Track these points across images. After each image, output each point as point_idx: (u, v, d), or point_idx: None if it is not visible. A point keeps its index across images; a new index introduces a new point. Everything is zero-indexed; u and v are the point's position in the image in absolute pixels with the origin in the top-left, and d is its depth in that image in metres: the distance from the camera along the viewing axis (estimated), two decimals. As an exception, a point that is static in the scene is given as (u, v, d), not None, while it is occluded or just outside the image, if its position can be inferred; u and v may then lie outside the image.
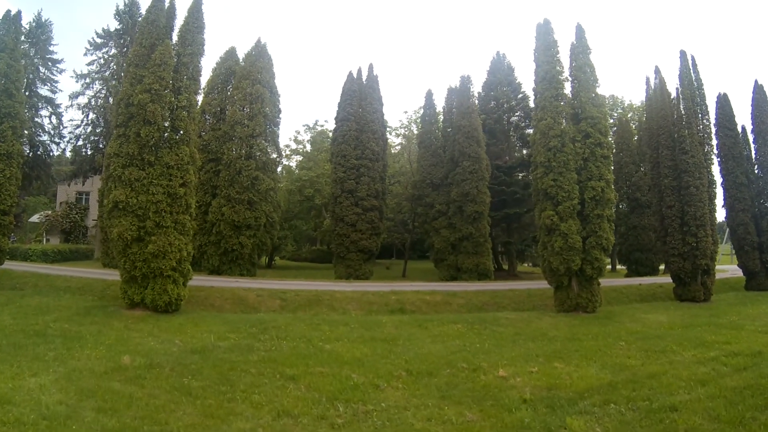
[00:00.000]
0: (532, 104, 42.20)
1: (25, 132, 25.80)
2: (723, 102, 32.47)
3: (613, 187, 23.00)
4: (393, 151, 54.50)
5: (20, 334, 13.84)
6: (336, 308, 22.05)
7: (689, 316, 22.06)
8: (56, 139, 44.66)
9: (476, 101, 38.43)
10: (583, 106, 23.31)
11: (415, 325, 18.72)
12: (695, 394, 9.88)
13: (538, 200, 23.71)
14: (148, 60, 19.99)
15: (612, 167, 23.37)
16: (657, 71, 29.04)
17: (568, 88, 24.06)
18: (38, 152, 42.89)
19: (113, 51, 42.48)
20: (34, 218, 52.04)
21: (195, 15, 21.67)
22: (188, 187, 19.93)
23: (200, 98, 26.52)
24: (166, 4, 21.35)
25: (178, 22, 21.57)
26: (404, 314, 21.89)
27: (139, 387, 9.85)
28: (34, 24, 42.03)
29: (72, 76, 42.76)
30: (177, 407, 8.78)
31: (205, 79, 26.54)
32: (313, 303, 22.37)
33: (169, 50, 20.20)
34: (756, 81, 33.16)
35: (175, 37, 21.22)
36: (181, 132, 20.06)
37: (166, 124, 19.74)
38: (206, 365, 11.67)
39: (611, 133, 31.06)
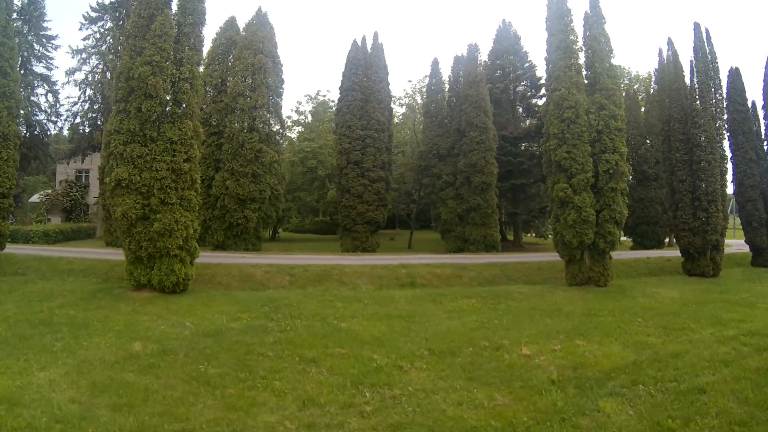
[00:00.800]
0: (538, 73, 41.80)
1: (21, 111, 25.07)
2: (734, 76, 31.81)
3: (626, 160, 22.53)
4: (396, 121, 53.68)
5: (25, 323, 13.39)
6: (346, 283, 21.81)
7: (700, 291, 22.07)
8: (53, 118, 43.86)
9: (482, 70, 37.50)
10: (597, 77, 22.65)
11: (428, 300, 18.56)
12: (720, 375, 9.86)
13: (550, 172, 23.25)
14: (147, 31, 19.07)
15: (625, 140, 22.78)
16: (670, 43, 28.27)
17: (581, 59, 23.30)
18: (35, 132, 42.06)
19: (109, 24, 41.32)
20: (35, 198, 51.51)
21: None
22: (193, 162, 19.23)
23: (201, 69, 25.72)
24: None
25: None
26: (415, 288, 21.69)
27: (154, 377, 9.48)
28: (26, 1, 40.73)
29: (68, 52, 42.06)
30: (196, 399, 8.42)
31: (205, 50, 25.65)
32: (323, 278, 22.13)
33: (169, 20, 19.28)
34: None
35: (174, 7, 20.16)
36: (184, 105, 19.24)
37: (167, 98, 18.93)
38: (221, 349, 11.34)
39: (621, 104, 30.33)
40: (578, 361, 10.97)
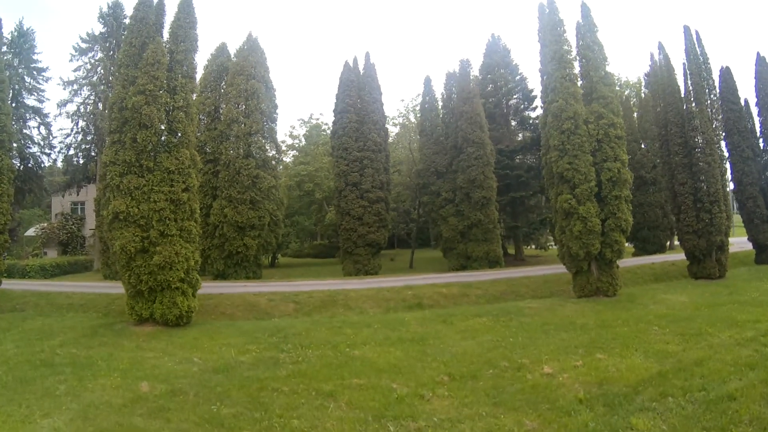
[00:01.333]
0: (530, 86, 42.03)
1: (14, 145, 24.80)
2: (726, 76, 32.05)
3: (627, 167, 22.42)
4: (390, 140, 53.77)
5: (26, 365, 12.94)
6: (352, 308, 21.44)
7: (709, 294, 21.95)
8: (46, 150, 43.89)
9: (475, 86, 37.63)
10: (594, 86, 22.66)
11: (438, 321, 18.19)
12: (748, 380, 9.65)
13: (552, 184, 23.07)
14: (139, 60, 18.85)
15: (626, 147, 22.70)
16: (661, 47, 28.45)
17: (576, 68, 23.30)
18: (29, 164, 41.86)
19: (99, 55, 41.47)
20: (30, 232, 51.07)
21: (186, 10, 20.42)
22: (191, 191, 18.92)
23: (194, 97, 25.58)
24: (155, 1, 20.06)
25: (168, 18, 20.37)
26: (423, 309, 21.33)
27: (164, 421, 9.03)
28: (15, 33, 40.90)
29: (59, 84, 41.85)
30: None
31: (197, 77, 25.51)
32: (328, 304, 21.74)
33: (161, 48, 19.11)
34: (758, 53, 33.05)
35: (166, 35, 20.04)
36: (180, 134, 18.96)
37: (162, 127, 18.64)
38: (232, 386, 10.90)
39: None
40: (602, 376, 10.69)
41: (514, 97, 42.97)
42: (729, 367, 10.59)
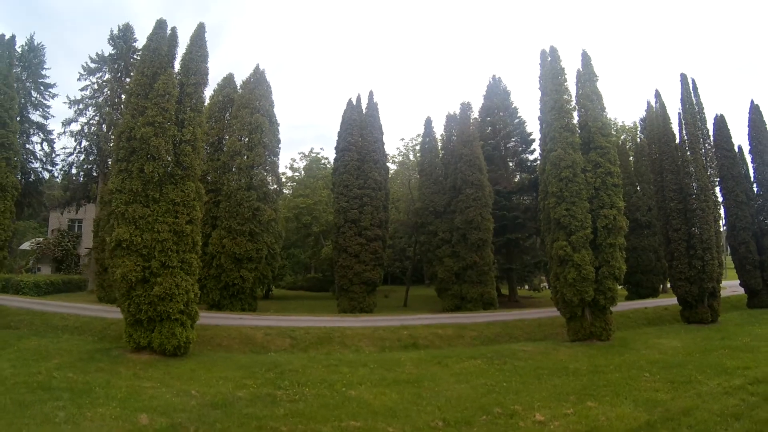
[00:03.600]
0: (529, 129, 43.10)
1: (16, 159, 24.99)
2: (720, 123, 33.03)
3: (623, 214, 23.02)
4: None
5: (23, 387, 12.96)
6: (348, 345, 21.58)
7: (701, 339, 22.32)
8: (48, 167, 43.86)
9: (475, 129, 38.56)
10: (592, 136, 23.44)
11: (434, 363, 18.37)
12: (732, 431, 10.02)
13: (548, 229, 23.58)
14: (150, 90, 19.22)
15: (622, 194, 23.33)
16: (657, 95, 29.48)
17: (575, 118, 24.14)
18: (30, 179, 41.97)
19: (107, 76, 42.13)
20: (25, 245, 50.77)
21: (198, 43, 20.89)
22: (195, 224, 19.16)
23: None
24: (168, 32, 20.51)
25: (180, 50, 20.81)
26: (419, 350, 21.52)
27: None
28: (26, 47, 41.43)
29: (65, 102, 42.27)
30: None
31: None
32: (324, 341, 21.88)
33: (172, 80, 19.51)
34: (752, 101, 34.07)
35: (177, 66, 20.49)
36: (186, 167, 19.27)
37: (169, 159, 18.97)
38: (232, 424, 10.98)
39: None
40: (592, 425, 10.92)
41: (513, 139, 43.95)
42: (716, 417, 10.89)
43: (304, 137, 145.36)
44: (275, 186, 36.10)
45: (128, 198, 18.36)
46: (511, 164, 44.91)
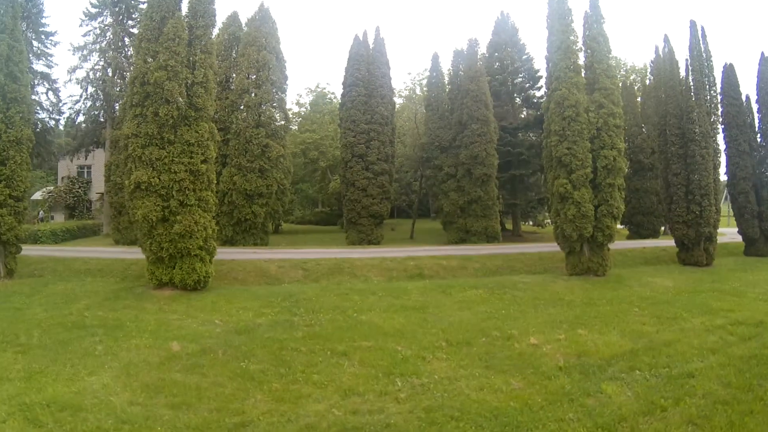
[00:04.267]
0: (536, 66, 42.75)
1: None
2: (729, 72, 32.70)
3: (623, 156, 23.57)
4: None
5: (59, 327, 13.80)
6: (358, 276, 22.79)
7: (693, 281, 23.11)
8: (55, 116, 43.37)
9: (482, 64, 38.31)
10: (597, 77, 23.64)
11: (438, 291, 19.62)
12: (708, 363, 11.09)
13: (550, 167, 24.24)
14: (159, 34, 19.41)
15: (623, 136, 23.75)
16: (666, 40, 29.19)
17: (581, 59, 24.23)
18: (37, 130, 42.16)
19: (109, 20, 41.29)
20: (37, 195, 51.44)
21: None
22: (209, 163, 19.90)
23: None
24: None
25: None
26: (424, 279, 22.72)
27: (201, 376, 10.25)
28: None
29: (69, 50, 41.76)
30: (246, 394, 9.31)
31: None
32: (335, 271, 23.09)
33: (181, 23, 19.64)
34: (762, 53, 33.68)
35: (185, 9, 20.50)
36: (199, 108, 19.71)
37: (183, 101, 19.34)
38: (256, 346, 12.23)
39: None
40: (581, 350, 12.15)
41: (520, 76, 43.54)
42: (694, 350, 12.01)
43: (311, 73, 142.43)
44: (283, 122, 36.39)
45: (144, 141, 18.95)
46: (517, 100, 44.76)
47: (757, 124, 32.65)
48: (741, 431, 7.63)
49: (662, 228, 42.40)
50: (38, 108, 41.34)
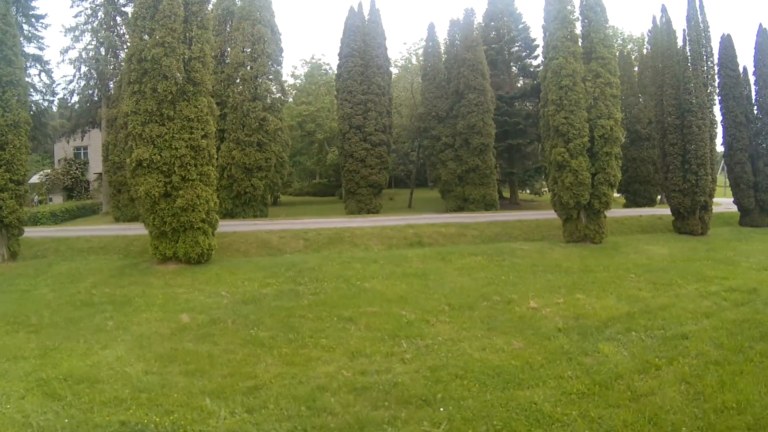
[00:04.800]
0: (533, 35, 42.49)
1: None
2: (726, 43, 32.54)
3: (620, 125, 23.71)
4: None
5: (68, 306, 14.00)
6: (358, 245, 23.10)
7: (688, 249, 23.44)
8: (49, 97, 43.11)
9: (478, 33, 38.05)
10: (594, 46, 23.64)
11: (438, 259, 19.98)
12: (701, 325, 11.54)
13: (547, 136, 24.39)
14: (155, 12, 19.30)
15: (620, 106, 23.85)
16: (664, 10, 29.02)
17: (578, 28, 24.19)
18: (32, 112, 41.82)
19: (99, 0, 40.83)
20: (34, 178, 51.11)
21: None
22: (209, 138, 20.01)
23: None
24: None
25: None
26: (424, 247, 23.06)
27: (212, 344, 10.59)
28: None
29: (61, 31, 41.25)
30: (257, 360, 9.67)
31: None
32: (336, 241, 23.39)
33: (177, 0, 19.51)
34: (760, 25, 33.31)
35: (180, -15, 20.29)
36: (197, 83, 19.73)
37: (180, 77, 19.30)
38: (264, 315, 12.62)
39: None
40: (579, 312, 12.61)
41: (516, 44, 43.24)
42: (688, 313, 12.48)
43: (306, 45, 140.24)
44: (280, 95, 36.27)
45: (144, 118, 18.99)
46: (514, 69, 44.58)
47: (753, 96, 32.66)
48: (731, 390, 7.93)
49: (658, 197, 42.72)
50: (32, 90, 40.79)
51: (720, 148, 32.43)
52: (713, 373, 8.64)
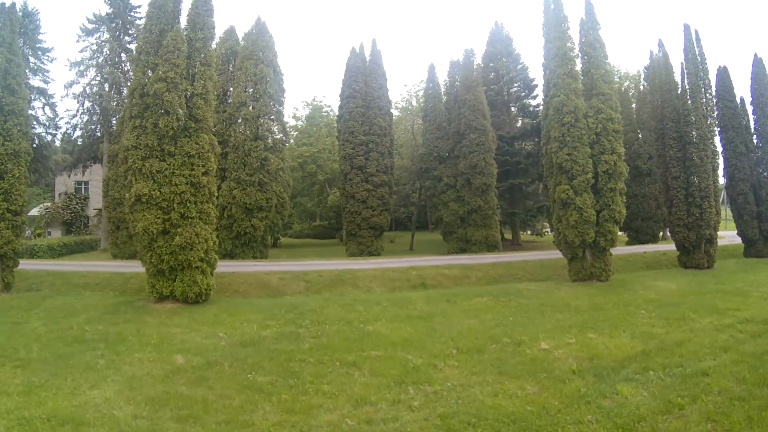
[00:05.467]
0: (531, 75, 42.99)
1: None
2: (723, 75, 33.09)
3: (623, 160, 23.62)
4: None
5: (59, 342, 13.55)
6: (360, 286, 22.60)
7: (696, 283, 23.16)
8: (51, 131, 43.76)
9: (478, 74, 38.55)
10: (594, 82, 23.82)
11: (443, 301, 19.44)
12: (720, 360, 10.99)
13: (551, 174, 24.28)
14: (159, 47, 19.43)
15: (622, 141, 23.84)
16: (661, 45, 29.65)
17: (578, 65, 24.44)
18: (34, 145, 42.19)
19: (106, 35, 41.59)
20: (34, 211, 51.20)
21: None
22: (210, 175, 19.74)
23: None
24: None
25: (186, 5, 20.78)
26: (427, 289, 22.55)
27: (207, 389, 9.99)
28: (20, 13, 40.65)
29: (66, 65, 42.12)
30: (255, 406, 9.05)
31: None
32: (337, 283, 22.89)
33: (180, 36, 19.65)
34: (756, 54, 34.10)
35: (183, 22, 20.52)
36: (199, 120, 19.63)
37: (182, 113, 19.26)
38: (263, 358, 11.99)
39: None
40: (593, 353, 12.03)
41: (515, 85, 43.82)
42: (705, 348, 11.94)
43: (307, 86, 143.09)
44: (281, 135, 36.41)
45: (144, 153, 18.79)
46: (513, 109, 45.00)
47: (752, 126, 32.95)
48: (759, 425, 7.56)
49: (660, 233, 42.48)
50: (35, 123, 41.44)
51: (721, 180, 32.42)
52: (739, 409, 8.15)
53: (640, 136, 40.82)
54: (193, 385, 10.26)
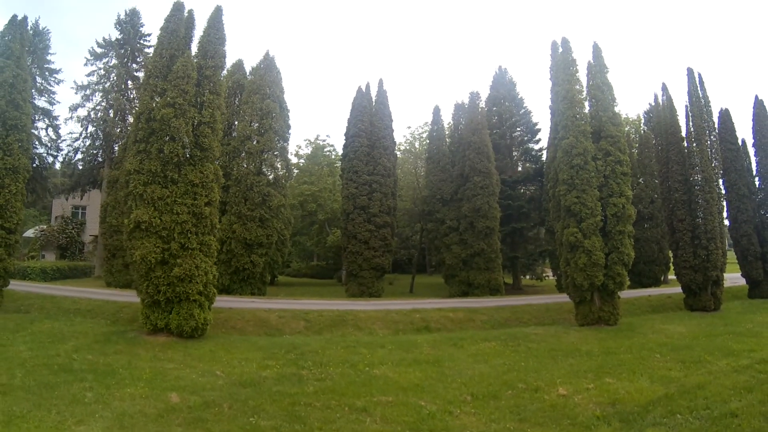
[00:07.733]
0: (534, 119, 43.41)
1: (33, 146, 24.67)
2: (725, 117, 33.46)
3: (631, 203, 23.46)
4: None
5: (44, 369, 12.82)
6: (362, 328, 21.90)
7: (706, 325, 22.82)
8: (53, 152, 43.62)
9: (482, 118, 38.81)
10: (602, 125, 23.80)
11: (449, 344, 18.75)
12: (747, 401, 10.59)
13: (558, 217, 23.99)
14: (168, 71, 19.15)
15: (630, 183, 23.70)
16: (664, 88, 29.99)
17: (586, 108, 24.49)
18: (34, 165, 41.98)
19: (114, 61, 42.05)
20: (29, 233, 50.52)
21: (216, 26, 20.72)
22: (213, 206, 19.13)
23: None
24: (185, 14, 20.37)
25: (197, 32, 20.72)
26: (431, 332, 21.91)
27: (205, 431, 9.23)
28: (31, 32, 41.09)
29: (72, 88, 42.26)
30: None
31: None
32: (338, 323, 22.19)
33: (190, 62, 19.41)
34: (756, 96, 34.51)
35: (194, 48, 20.39)
36: (205, 148, 19.20)
37: (188, 140, 18.87)
38: (265, 401, 11.20)
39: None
40: (614, 398, 11.44)
41: (518, 129, 44.23)
42: (729, 390, 11.50)
43: (310, 124, 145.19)
44: (284, 171, 36.13)
45: (147, 179, 18.22)
46: (515, 153, 45.25)
47: (754, 167, 33.11)
48: None
49: (662, 276, 42.08)
50: (37, 143, 41.30)
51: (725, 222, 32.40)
52: (775, 449, 7.54)
53: (641, 180, 40.89)
54: (190, 426, 9.44)
